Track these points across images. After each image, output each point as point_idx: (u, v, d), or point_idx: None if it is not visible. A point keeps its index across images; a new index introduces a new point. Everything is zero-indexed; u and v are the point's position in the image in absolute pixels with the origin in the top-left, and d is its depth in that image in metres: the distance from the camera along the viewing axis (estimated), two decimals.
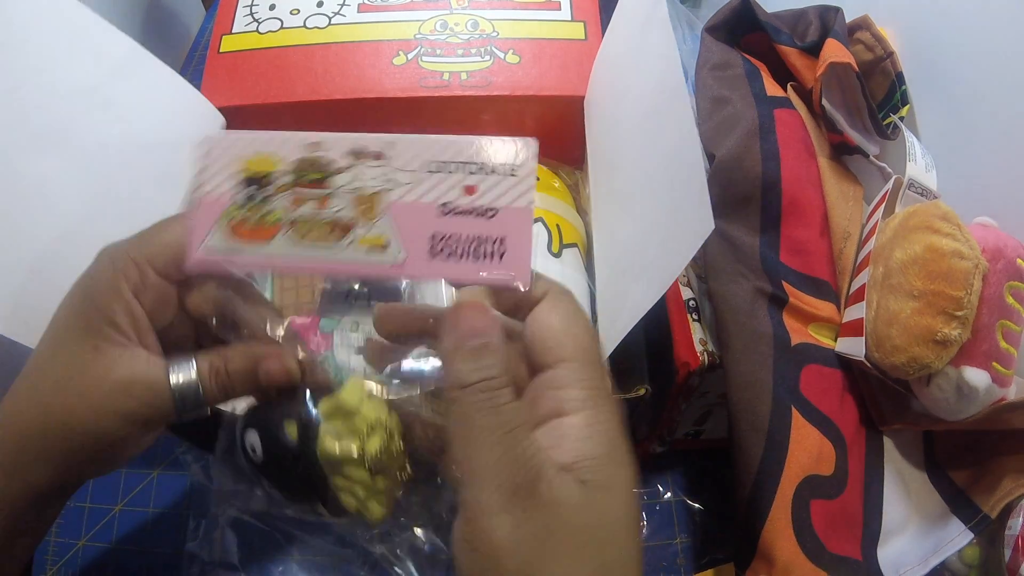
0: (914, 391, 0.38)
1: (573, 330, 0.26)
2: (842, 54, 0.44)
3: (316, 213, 0.28)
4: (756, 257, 0.40)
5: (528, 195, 0.27)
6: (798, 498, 0.36)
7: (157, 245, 0.29)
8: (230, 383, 0.29)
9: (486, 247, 0.26)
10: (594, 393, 0.25)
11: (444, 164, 0.28)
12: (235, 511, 0.48)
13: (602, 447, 0.24)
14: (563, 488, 0.23)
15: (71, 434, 0.27)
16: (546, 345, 0.26)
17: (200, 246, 0.28)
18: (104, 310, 0.28)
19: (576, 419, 0.24)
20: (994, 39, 0.40)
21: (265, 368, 0.29)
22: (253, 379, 0.29)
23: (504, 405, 0.24)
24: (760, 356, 0.38)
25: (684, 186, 0.32)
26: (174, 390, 0.28)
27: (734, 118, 0.43)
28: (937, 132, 0.45)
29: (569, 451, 0.24)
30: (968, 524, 0.36)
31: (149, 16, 0.69)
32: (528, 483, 0.23)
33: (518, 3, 0.54)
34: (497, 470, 0.23)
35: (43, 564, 0.47)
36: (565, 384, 0.25)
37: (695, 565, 0.48)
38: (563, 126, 0.51)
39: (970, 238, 0.35)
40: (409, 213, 0.27)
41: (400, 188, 0.27)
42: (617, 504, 0.24)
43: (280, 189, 0.28)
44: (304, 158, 0.29)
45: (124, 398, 0.27)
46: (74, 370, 0.27)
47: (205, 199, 0.28)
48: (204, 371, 0.29)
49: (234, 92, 0.49)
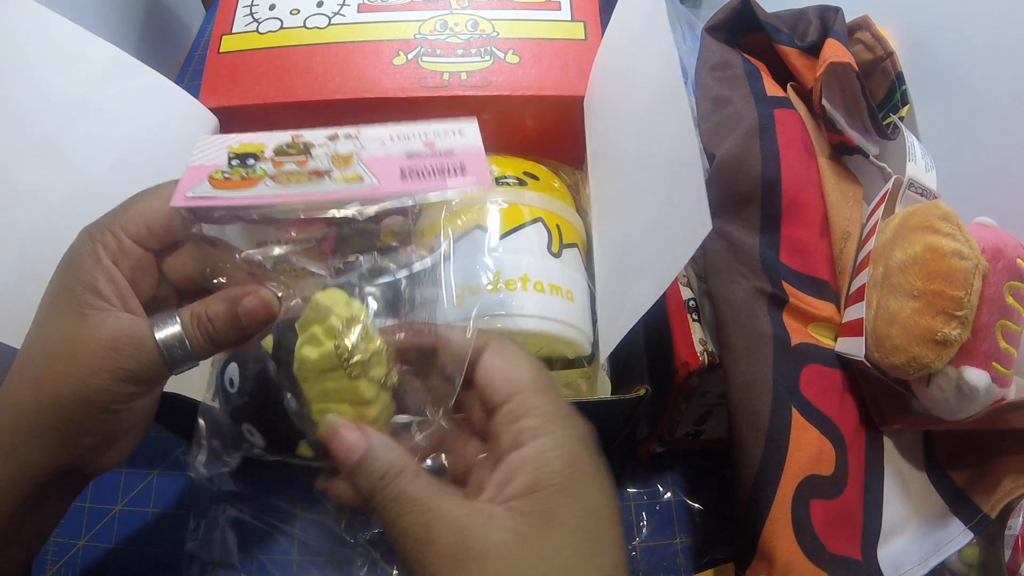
0: (914, 391, 0.38)
1: (518, 366, 0.28)
2: (842, 54, 0.44)
3: (296, 169, 0.31)
4: (756, 257, 0.40)
5: (476, 141, 0.33)
6: (798, 498, 0.36)
7: (132, 214, 0.29)
8: (213, 329, 0.29)
9: (449, 167, 0.31)
10: (546, 419, 0.26)
11: (404, 134, 0.33)
12: (235, 511, 0.48)
13: (554, 477, 0.24)
14: (498, 531, 0.24)
15: (64, 403, 0.27)
16: (495, 385, 0.27)
17: (185, 193, 0.29)
18: (85, 278, 0.28)
19: (529, 450, 0.25)
20: (994, 39, 0.40)
21: (244, 306, 0.29)
22: (235, 319, 0.30)
23: (408, 488, 0.25)
24: (760, 356, 0.38)
25: (682, 186, 0.32)
26: (160, 344, 0.29)
27: (734, 118, 0.43)
28: (937, 132, 0.45)
29: (522, 483, 0.24)
30: (968, 524, 0.36)
31: (149, 16, 0.69)
32: (456, 544, 0.24)
33: (518, 3, 0.54)
34: (427, 544, 0.24)
35: (43, 564, 0.47)
36: (518, 415, 0.26)
37: (695, 565, 0.48)
38: (563, 126, 0.51)
39: (970, 238, 0.35)
40: (380, 161, 0.31)
41: (370, 150, 0.32)
42: (566, 533, 0.24)
43: (263, 160, 0.31)
44: (286, 142, 0.32)
45: (112, 355, 0.28)
46: (62, 338, 0.28)
47: (192, 165, 0.31)
48: (187, 321, 0.29)
49: (234, 92, 0.49)
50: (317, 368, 0.27)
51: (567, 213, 0.47)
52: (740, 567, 0.38)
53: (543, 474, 0.24)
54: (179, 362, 0.29)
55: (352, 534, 0.49)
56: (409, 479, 0.25)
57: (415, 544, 0.24)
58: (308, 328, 0.27)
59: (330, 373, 0.27)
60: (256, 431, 0.29)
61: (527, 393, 0.26)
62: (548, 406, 0.26)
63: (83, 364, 0.27)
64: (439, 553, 0.24)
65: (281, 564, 0.47)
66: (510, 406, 0.26)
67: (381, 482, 0.25)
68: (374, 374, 0.27)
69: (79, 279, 0.28)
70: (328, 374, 0.27)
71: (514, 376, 0.27)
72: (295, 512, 0.49)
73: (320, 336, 0.27)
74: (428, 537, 0.24)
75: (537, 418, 0.26)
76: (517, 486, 0.24)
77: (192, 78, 0.48)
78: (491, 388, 0.27)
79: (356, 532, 0.49)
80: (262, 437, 0.29)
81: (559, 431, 0.26)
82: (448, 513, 0.24)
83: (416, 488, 0.25)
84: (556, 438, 0.25)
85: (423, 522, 0.24)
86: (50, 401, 0.27)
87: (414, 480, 0.25)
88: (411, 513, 0.25)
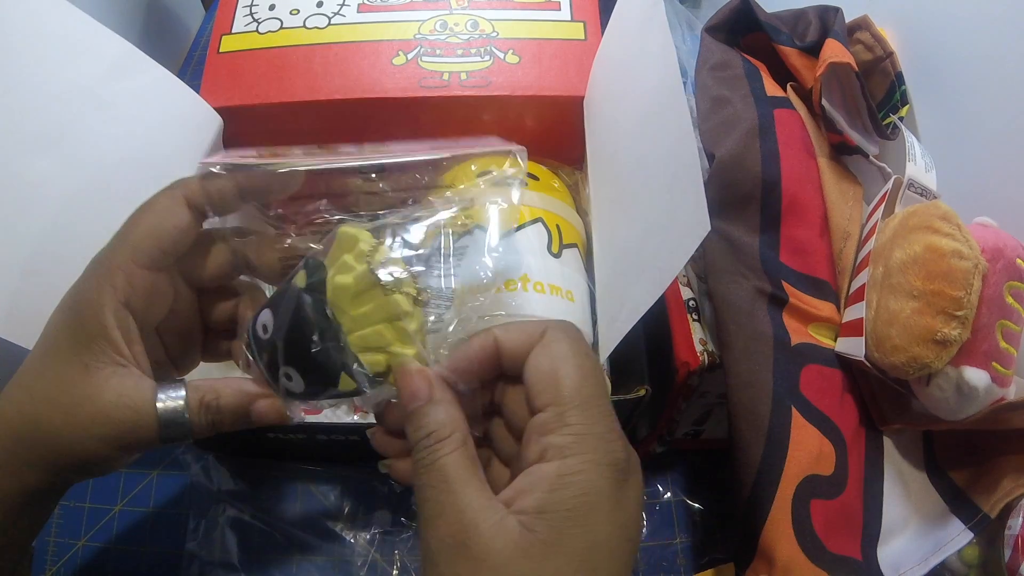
0: (914, 391, 0.38)
1: (562, 371, 0.26)
2: (842, 54, 0.44)
3: (323, 151, 0.32)
4: (756, 257, 0.40)
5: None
6: (798, 498, 0.36)
7: (137, 238, 0.29)
8: (220, 418, 0.29)
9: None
10: (576, 440, 0.24)
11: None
12: (235, 511, 0.48)
13: (568, 503, 0.24)
14: (503, 540, 0.23)
15: (57, 448, 0.27)
16: (535, 389, 0.26)
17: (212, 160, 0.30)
18: (92, 325, 0.28)
19: (550, 468, 0.24)
20: (994, 39, 0.40)
21: (258, 408, 0.29)
22: (245, 417, 0.30)
23: (440, 460, 0.25)
24: (760, 356, 0.38)
25: (681, 187, 0.32)
26: (160, 416, 0.28)
27: (734, 118, 0.43)
28: (937, 132, 0.45)
29: (534, 500, 0.24)
30: (968, 524, 0.36)
31: (149, 16, 0.69)
32: (460, 536, 0.23)
33: (518, 3, 0.54)
34: (428, 524, 0.24)
35: (43, 564, 0.47)
36: (549, 429, 0.25)
37: (695, 565, 0.48)
38: (563, 126, 0.51)
39: (970, 238, 0.35)
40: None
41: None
42: (567, 559, 0.23)
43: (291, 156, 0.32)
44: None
45: (108, 423, 0.27)
46: (62, 388, 0.27)
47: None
48: (193, 403, 0.29)
49: (234, 92, 0.49)
50: (352, 292, 0.27)
51: (567, 213, 0.47)
52: (740, 567, 0.38)
53: (556, 497, 0.24)
54: (174, 437, 0.29)
55: (352, 534, 0.49)
56: (448, 449, 0.25)
57: (424, 518, 0.24)
58: (338, 259, 0.27)
59: (365, 295, 0.27)
60: (295, 373, 0.28)
61: (564, 407, 0.25)
62: (582, 425, 0.25)
63: (78, 426, 0.27)
64: (439, 537, 0.24)
65: (281, 564, 0.47)
66: (545, 416, 0.25)
67: (424, 441, 0.25)
68: (406, 289, 0.27)
69: (85, 324, 0.28)
70: (363, 296, 0.27)
71: (554, 384, 0.25)
72: (295, 512, 0.49)
73: (351, 262, 0.27)
74: (436, 519, 0.24)
75: (567, 437, 0.24)
76: (530, 502, 0.24)
77: (192, 78, 0.48)
78: (533, 391, 0.26)
79: (356, 532, 0.49)
80: (301, 378, 0.28)
81: (584, 456, 0.24)
82: (463, 503, 0.24)
83: (448, 463, 0.25)
84: (579, 463, 0.24)
85: (439, 501, 0.24)
86: (44, 443, 0.27)
87: (452, 453, 0.25)
88: (433, 487, 0.25)
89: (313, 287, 0.27)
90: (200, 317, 0.34)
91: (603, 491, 0.24)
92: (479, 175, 0.50)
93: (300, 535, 0.48)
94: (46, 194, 0.37)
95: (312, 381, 0.28)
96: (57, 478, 0.29)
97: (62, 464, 0.28)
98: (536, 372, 0.26)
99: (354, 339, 0.27)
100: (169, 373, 0.34)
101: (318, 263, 0.28)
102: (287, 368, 0.28)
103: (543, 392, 0.25)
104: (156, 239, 0.29)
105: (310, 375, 0.28)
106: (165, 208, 0.29)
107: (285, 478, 0.51)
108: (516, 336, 0.27)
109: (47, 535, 0.48)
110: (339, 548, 0.48)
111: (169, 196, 0.30)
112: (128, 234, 0.29)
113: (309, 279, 0.27)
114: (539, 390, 0.26)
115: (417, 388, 0.26)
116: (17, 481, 0.28)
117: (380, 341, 0.27)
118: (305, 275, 0.28)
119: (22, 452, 0.27)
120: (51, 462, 0.28)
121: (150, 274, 0.29)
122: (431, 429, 0.25)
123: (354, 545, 0.48)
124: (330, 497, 0.50)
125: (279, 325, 0.28)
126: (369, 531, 0.49)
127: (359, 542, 0.49)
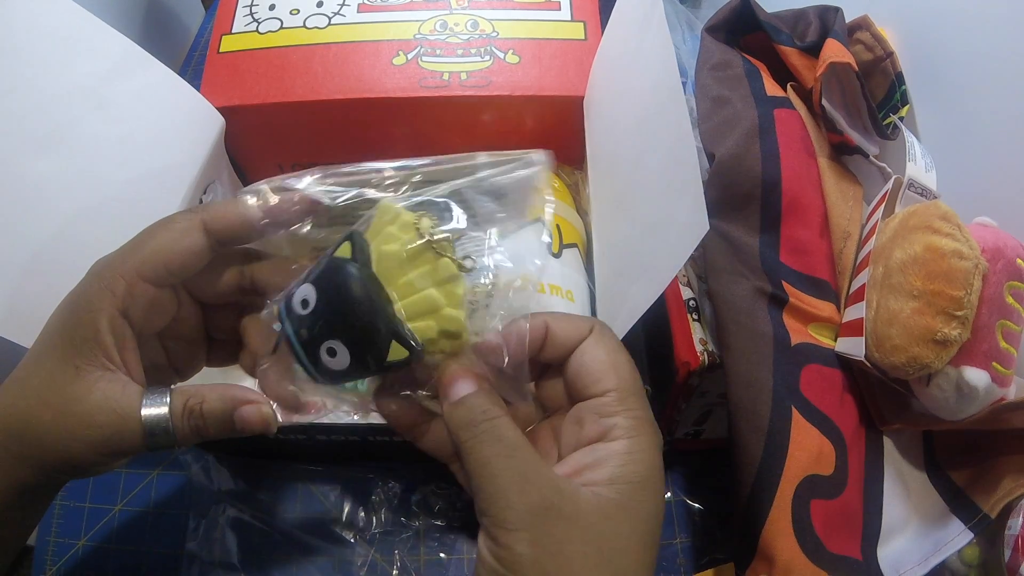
0: (914, 391, 0.38)
1: (618, 362, 0.29)
2: (842, 54, 0.44)
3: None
4: (756, 257, 0.40)
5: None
6: (798, 498, 0.36)
7: (147, 254, 0.29)
8: (203, 425, 0.29)
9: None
10: (637, 423, 0.27)
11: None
12: (235, 511, 0.48)
13: (638, 475, 0.26)
14: (584, 502, 0.25)
15: (45, 448, 0.27)
16: (593, 376, 0.28)
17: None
18: (86, 329, 0.28)
19: (619, 445, 0.27)
20: (994, 39, 0.40)
21: (242, 414, 0.29)
22: (228, 424, 0.29)
23: (504, 433, 0.26)
24: (760, 356, 0.38)
25: (680, 187, 0.32)
26: (144, 423, 0.28)
27: (734, 118, 0.43)
28: (937, 132, 0.45)
29: (606, 473, 0.26)
30: (968, 524, 0.36)
31: (149, 16, 0.69)
32: (552, 499, 0.25)
33: (518, 3, 0.54)
34: (510, 491, 0.25)
35: (43, 564, 0.47)
36: (611, 412, 0.27)
37: (695, 565, 0.48)
38: (563, 126, 0.51)
39: (970, 238, 0.35)
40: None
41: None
42: (638, 522, 0.26)
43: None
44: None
45: (93, 427, 0.27)
46: (53, 388, 0.27)
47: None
48: (177, 409, 0.29)
49: (234, 92, 0.49)
50: (399, 258, 0.27)
51: (567, 213, 0.47)
52: (740, 567, 0.38)
53: (627, 471, 0.26)
54: (159, 444, 0.29)
55: (352, 534, 0.49)
56: (507, 424, 0.27)
57: (500, 487, 0.25)
58: (381, 231, 0.27)
59: (416, 260, 0.27)
60: (341, 346, 0.27)
61: (625, 392, 0.28)
62: (640, 410, 0.28)
63: (65, 426, 0.27)
64: (529, 502, 0.25)
65: (281, 564, 0.47)
66: (604, 400, 0.28)
67: (484, 413, 0.27)
68: (453, 254, 0.27)
69: (81, 327, 0.28)
70: (413, 262, 0.27)
71: (613, 372, 0.28)
72: (295, 512, 0.49)
73: (395, 232, 0.27)
74: (524, 484, 0.25)
75: (631, 420, 0.27)
76: (601, 474, 0.26)
77: (192, 78, 0.48)
78: (590, 378, 0.28)
79: (356, 532, 0.49)
80: (348, 351, 0.27)
81: (646, 437, 0.27)
82: (543, 470, 0.26)
83: (514, 436, 0.26)
84: (644, 442, 0.27)
85: (519, 470, 0.25)
86: (33, 442, 0.27)
87: (513, 429, 0.27)
88: (506, 456, 0.26)
89: (358, 256, 0.27)
90: (204, 327, 0.34)
91: (658, 467, 0.27)
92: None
93: (300, 535, 0.48)
94: (47, 193, 0.37)
95: (360, 353, 0.27)
96: (48, 476, 0.29)
97: (50, 462, 0.28)
98: (595, 361, 0.28)
99: (404, 304, 0.27)
100: (170, 378, 0.34)
101: (360, 235, 0.28)
102: (332, 342, 0.27)
103: (603, 378, 0.28)
104: (165, 258, 0.29)
105: (358, 346, 0.27)
106: (182, 230, 0.29)
107: (285, 478, 0.51)
108: (566, 326, 0.29)
109: (47, 535, 0.48)
110: (339, 548, 0.48)
111: (189, 219, 0.29)
112: (139, 246, 0.29)
113: (354, 250, 0.27)
114: (598, 377, 0.28)
115: (467, 380, 0.28)
116: (9, 475, 0.28)
117: (431, 306, 0.27)
118: (350, 246, 0.28)
119: (14, 447, 0.27)
120: (40, 460, 0.28)
121: (153, 288, 0.29)
122: (484, 408, 0.27)
123: (354, 545, 0.48)
124: (330, 497, 0.50)
125: (323, 298, 0.27)
126: (369, 531, 0.49)
127: (359, 542, 0.49)
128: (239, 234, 0.30)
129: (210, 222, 0.30)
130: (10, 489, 0.28)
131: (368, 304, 0.27)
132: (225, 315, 0.34)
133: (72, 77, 0.39)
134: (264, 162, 0.55)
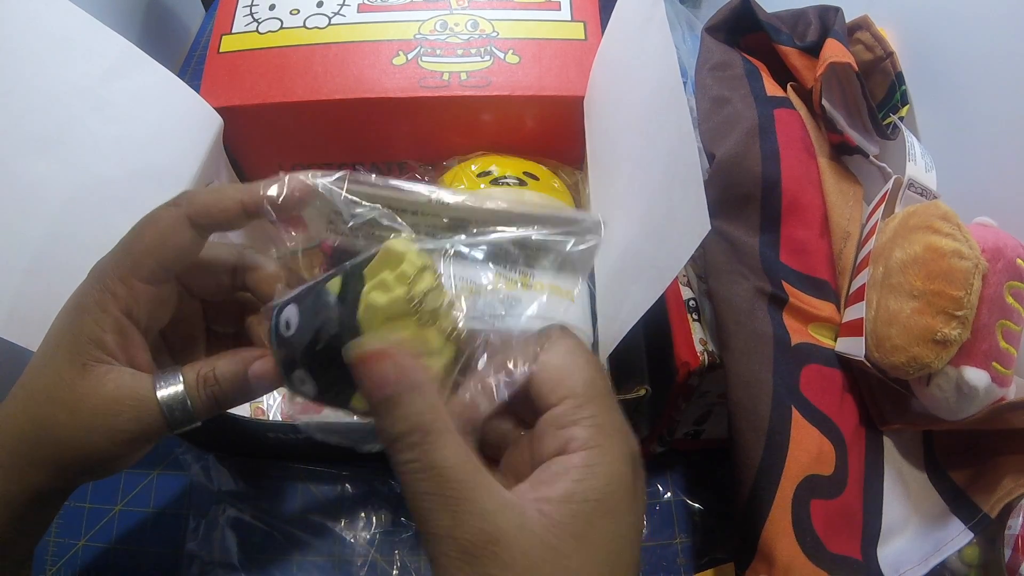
0: (914, 391, 0.38)
1: (575, 365, 0.26)
2: (842, 54, 0.44)
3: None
4: (756, 257, 0.40)
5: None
6: (798, 498, 0.36)
7: (138, 254, 0.28)
8: (220, 390, 0.29)
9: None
10: (596, 431, 0.24)
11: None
12: (235, 511, 0.48)
13: (596, 491, 0.23)
14: (528, 536, 0.22)
15: (62, 447, 0.27)
16: (548, 384, 0.25)
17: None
18: (90, 330, 0.28)
19: (576, 458, 0.24)
20: (994, 39, 0.40)
21: (255, 369, 0.29)
22: (243, 382, 0.29)
23: (434, 458, 0.22)
24: (760, 356, 0.38)
25: (681, 187, 0.32)
26: (162, 403, 0.28)
27: (734, 118, 0.43)
28: (937, 132, 0.45)
29: (560, 489, 0.23)
30: (968, 524, 0.36)
31: (149, 16, 0.69)
32: (484, 545, 0.22)
33: (518, 3, 0.54)
34: (450, 538, 0.22)
35: (43, 564, 0.47)
36: (568, 421, 0.24)
37: (695, 565, 0.48)
38: (563, 126, 0.51)
39: (970, 238, 0.35)
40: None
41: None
42: (595, 550, 0.23)
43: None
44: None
45: (112, 416, 0.27)
46: (64, 387, 0.27)
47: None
48: (191, 382, 0.29)
49: (234, 92, 0.49)
50: (384, 314, 0.25)
51: None
52: (740, 567, 0.38)
53: (584, 487, 0.23)
54: (180, 421, 0.29)
55: (352, 534, 0.49)
56: (441, 444, 0.23)
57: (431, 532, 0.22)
58: (378, 274, 0.26)
59: (397, 321, 0.25)
60: (309, 378, 0.27)
61: (580, 399, 0.25)
62: (600, 416, 0.25)
63: (82, 421, 0.27)
64: (460, 548, 0.22)
65: (281, 564, 0.47)
66: (560, 409, 0.25)
67: (408, 438, 0.23)
68: (442, 324, 0.26)
69: (83, 331, 0.28)
70: (395, 322, 0.25)
71: (568, 378, 0.25)
72: (295, 512, 0.49)
73: (390, 282, 0.25)
74: (453, 530, 0.22)
75: (588, 429, 0.24)
76: (556, 491, 0.23)
77: (192, 78, 0.48)
78: (546, 387, 0.25)
79: (356, 532, 0.49)
80: (314, 385, 0.27)
81: (608, 447, 0.24)
82: (479, 508, 0.22)
83: (447, 460, 0.22)
84: (604, 452, 0.24)
85: (449, 510, 0.22)
86: (49, 443, 0.27)
87: (446, 448, 0.23)
88: (433, 495, 0.22)
89: (346, 298, 0.26)
90: (204, 322, 0.34)
91: (625, 480, 0.24)
92: (478, 175, 0.50)
93: (300, 535, 0.48)
94: (46, 194, 0.37)
95: (324, 390, 0.27)
96: (62, 479, 0.28)
97: (67, 463, 0.28)
98: (547, 369, 0.26)
99: None
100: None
101: (357, 273, 0.26)
102: (302, 371, 0.27)
103: (558, 387, 0.25)
104: (158, 256, 0.29)
105: (324, 383, 0.27)
106: (168, 226, 0.29)
107: (285, 478, 0.51)
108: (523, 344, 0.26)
109: (47, 535, 0.48)
110: (339, 548, 0.48)
111: (173, 213, 0.29)
112: (130, 248, 0.29)
113: (344, 288, 0.26)
114: (552, 386, 0.25)
115: (384, 375, 0.23)
116: (22, 483, 0.28)
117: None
118: (340, 283, 0.26)
119: (27, 452, 0.27)
120: (56, 462, 0.28)
121: (150, 288, 0.29)
122: (412, 422, 0.23)
123: (354, 545, 0.48)
124: (330, 497, 0.50)
125: (303, 326, 0.27)
126: (369, 531, 0.49)
127: (359, 542, 0.49)
128: (225, 224, 0.30)
129: (195, 216, 0.29)
130: (24, 495, 0.28)
131: (338, 353, 0.25)
132: (224, 309, 0.34)
133: (70, 78, 0.40)
134: (264, 162, 0.55)
